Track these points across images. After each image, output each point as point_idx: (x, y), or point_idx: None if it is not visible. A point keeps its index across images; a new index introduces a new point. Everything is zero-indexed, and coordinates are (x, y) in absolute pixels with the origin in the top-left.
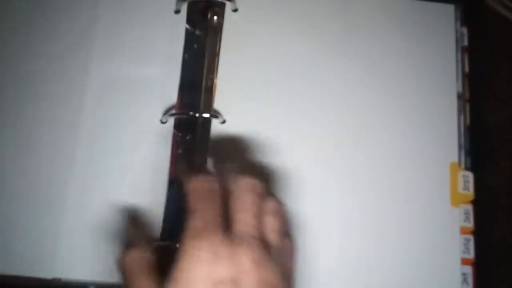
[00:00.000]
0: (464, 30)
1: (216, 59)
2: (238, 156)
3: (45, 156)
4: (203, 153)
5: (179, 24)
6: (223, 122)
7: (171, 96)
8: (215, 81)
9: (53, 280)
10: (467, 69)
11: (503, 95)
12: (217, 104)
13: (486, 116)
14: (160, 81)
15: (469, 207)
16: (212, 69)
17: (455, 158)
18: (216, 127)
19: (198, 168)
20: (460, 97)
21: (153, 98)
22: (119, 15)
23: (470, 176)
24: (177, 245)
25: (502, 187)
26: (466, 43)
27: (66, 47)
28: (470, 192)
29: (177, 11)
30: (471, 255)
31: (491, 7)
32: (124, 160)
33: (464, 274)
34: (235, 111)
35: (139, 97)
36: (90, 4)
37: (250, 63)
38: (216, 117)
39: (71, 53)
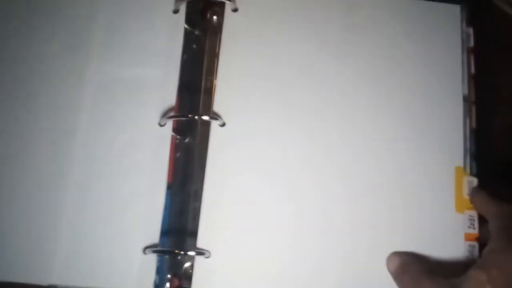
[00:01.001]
0: (470, 31)
1: (216, 60)
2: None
3: (42, 159)
4: (202, 156)
5: (178, 24)
6: (223, 125)
7: (170, 98)
8: (214, 82)
9: (49, 287)
10: (473, 70)
11: (510, 96)
12: (216, 107)
13: (492, 118)
14: (158, 82)
15: (474, 213)
16: (212, 70)
17: (460, 163)
18: (216, 130)
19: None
20: (466, 99)
21: (152, 100)
22: (117, 15)
23: (475, 181)
24: (176, 251)
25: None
26: (472, 43)
27: (64, 48)
28: None
29: (175, 11)
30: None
31: (497, 7)
32: (122, 162)
33: None
34: (234, 113)
35: (138, 99)
36: (88, 5)
37: (250, 64)
38: (216, 119)
39: (69, 54)
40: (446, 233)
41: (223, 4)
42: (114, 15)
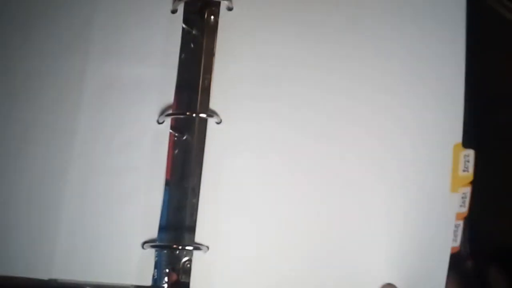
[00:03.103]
0: None
1: (213, 58)
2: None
3: (41, 156)
4: (199, 154)
5: (176, 24)
6: (220, 122)
7: (168, 96)
8: (211, 81)
9: (50, 281)
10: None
11: (503, 96)
12: (213, 104)
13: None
14: (156, 81)
15: (467, 190)
16: (209, 69)
17: (458, 139)
18: (212, 127)
19: None
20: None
21: (150, 98)
22: (116, 15)
23: (471, 154)
24: (174, 245)
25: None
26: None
27: (63, 47)
28: (470, 173)
29: (173, 11)
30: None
31: (491, 7)
32: (121, 160)
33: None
34: (230, 111)
35: (136, 98)
36: (87, 4)
37: (245, 62)
38: (212, 117)
39: (67, 53)
40: (439, 216)
41: (220, 3)
42: (113, 15)
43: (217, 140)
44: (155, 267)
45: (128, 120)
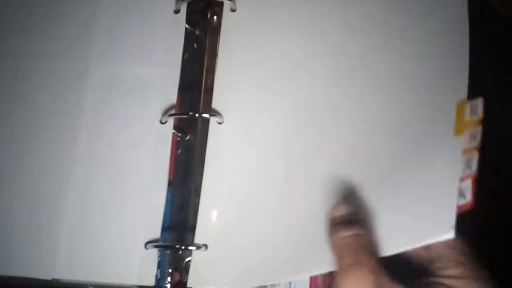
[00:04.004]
0: None
1: (216, 59)
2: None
3: (44, 156)
4: (202, 153)
5: (179, 24)
6: (221, 122)
7: (171, 96)
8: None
9: (52, 280)
10: None
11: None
12: (215, 104)
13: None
14: (159, 81)
15: (478, 129)
16: (212, 69)
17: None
18: (214, 128)
19: None
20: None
21: (153, 99)
22: (119, 15)
23: (479, 102)
24: (177, 245)
25: None
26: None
27: (66, 47)
28: (479, 116)
29: (176, 11)
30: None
31: (492, 6)
32: (124, 160)
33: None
34: (232, 111)
35: (139, 98)
36: (89, 4)
37: (248, 62)
38: (215, 116)
39: (70, 53)
40: (444, 155)
41: (223, 4)
42: (116, 15)
43: (218, 139)
44: (158, 267)
45: (130, 120)
